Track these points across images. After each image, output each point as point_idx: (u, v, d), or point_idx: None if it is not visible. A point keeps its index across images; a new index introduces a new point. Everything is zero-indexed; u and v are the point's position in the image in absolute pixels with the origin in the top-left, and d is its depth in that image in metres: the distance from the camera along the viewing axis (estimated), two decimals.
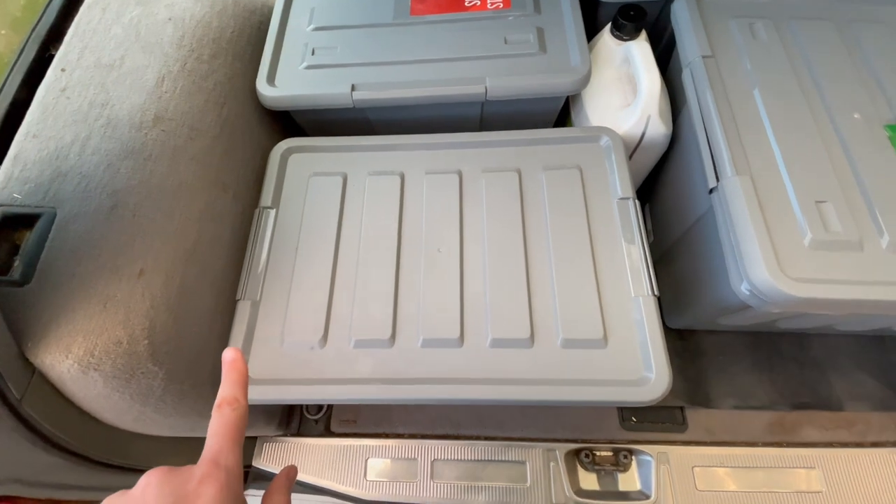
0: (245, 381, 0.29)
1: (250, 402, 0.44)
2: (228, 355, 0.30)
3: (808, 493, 0.57)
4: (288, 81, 0.57)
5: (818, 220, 0.41)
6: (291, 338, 0.46)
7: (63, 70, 0.46)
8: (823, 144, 0.45)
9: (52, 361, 0.36)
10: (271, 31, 0.60)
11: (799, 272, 0.39)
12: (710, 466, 0.59)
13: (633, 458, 0.61)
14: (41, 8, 0.52)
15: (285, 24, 0.61)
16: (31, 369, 0.36)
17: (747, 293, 0.41)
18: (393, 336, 0.46)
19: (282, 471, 0.32)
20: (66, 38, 0.48)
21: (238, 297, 0.48)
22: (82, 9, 0.50)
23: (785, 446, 0.61)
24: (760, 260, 0.39)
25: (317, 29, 0.60)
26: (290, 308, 0.47)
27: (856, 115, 0.47)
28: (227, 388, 0.28)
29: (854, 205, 0.42)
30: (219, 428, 0.26)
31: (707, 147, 0.46)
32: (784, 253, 0.40)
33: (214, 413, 0.27)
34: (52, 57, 0.47)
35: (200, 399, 0.44)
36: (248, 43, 0.58)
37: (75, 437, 0.40)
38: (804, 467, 0.58)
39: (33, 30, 0.49)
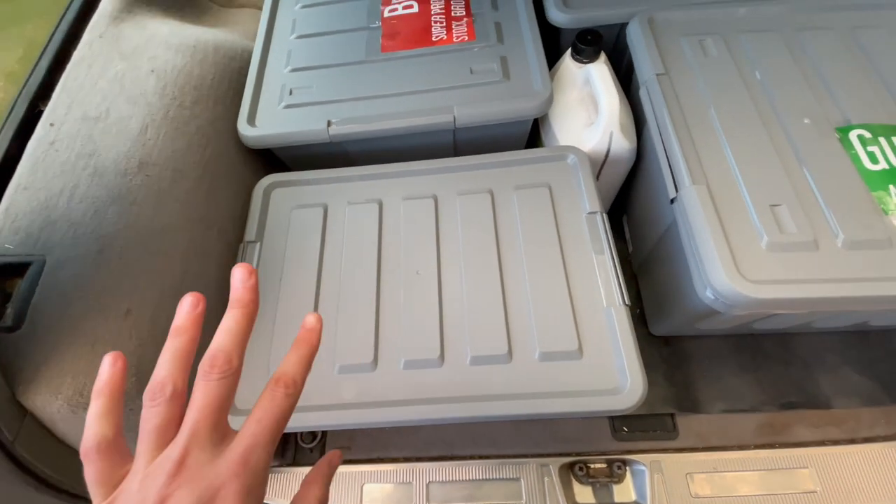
0: (310, 363, 0.26)
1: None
2: (309, 322, 0.27)
3: (802, 493, 0.57)
4: (267, 121, 0.60)
5: (773, 223, 0.43)
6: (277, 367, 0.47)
7: (52, 125, 0.49)
8: (776, 150, 0.47)
9: (43, 403, 0.37)
10: (251, 75, 0.63)
11: (757, 274, 0.40)
12: (703, 472, 0.59)
13: (627, 468, 0.61)
14: (34, 61, 0.55)
15: (264, 67, 0.65)
16: (23, 412, 0.38)
17: (712, 298, 0.43)
18: (375, 360, 0.47)
19: (323, 457, 0.29)
20: (55, 94, 0.51)
21: None
22: (69, 66, 0.53)
23: (777, 447, 0.61)
24: (719, 265, 0.40)
25: (294, 70, 0.63)
26: (275, 338, 0.49)
27: (806, 121, 0.49)
28: (291, 364, 0.25)
29: (808, 206, 0.44)
30: (264, 414, 0.23)
31: (665, 159, 0.49)
32: (742, 257, 0.41)
33: (266, 392, 0.24)
34: (41, 113, 0.50)
35: None
36: (229, 87, 0.62)
37: (69, 476, 0.41)
38: (797, 467, 0.58)
39: (23, 88, 0.52)
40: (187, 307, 0.26)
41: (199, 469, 0.21)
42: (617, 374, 0.44)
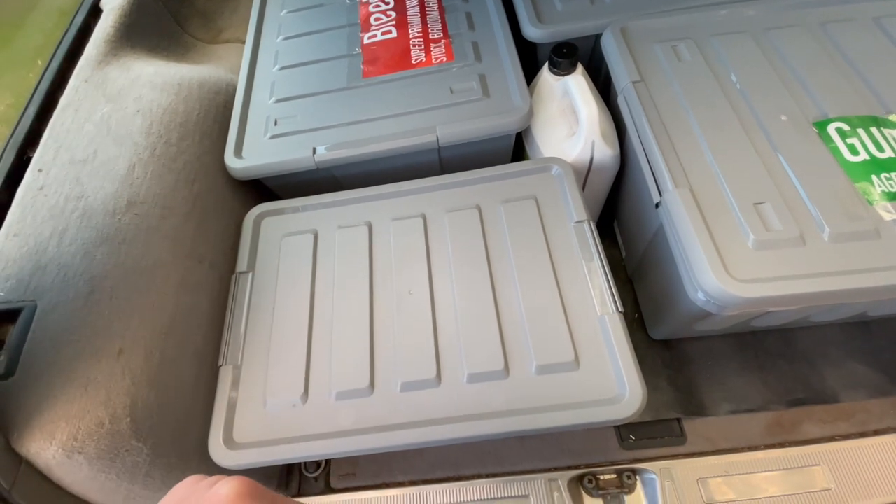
0: None
1: (239, 468, 0.45)
2: None
3: (816, 492, 0.56)
4: (254, 152, 0.60)
5: (758, 221, 0.43)
6: (273, 398, 0.47)
7: (40, 170, 0.50)
8: (755, 149, 0.48)
9: (38, 449, 0.37)
10: (236, 108, 0.64)
11: (746, 274, 0.40)
12: (714, 477, 0.58)
13: (637, 477, 0.60)
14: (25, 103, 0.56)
15: (249, 99, 0.66)
16: (19, 459, 0.37)
17: (704, 300, 0.42)
18: (372, 384, 0.46)
19: None
20: (43, 140, 0.52)
21: (220, 363, 0.50)
22: (56, 112, 0.54)
23: (787, 446, 0.60)
24: (708, 266, 0.40)
25: (278, 101, 0.64)
26: (271, 368, 0.49)
27: (783, 118, 0.50)
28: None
29: (791, 202, 0.44)
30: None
31: (647, 165, 0.49)
32: (730, 257, 0.41)
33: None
34: (30, 159, 0.51)
35: (188, 470, 0.45)
36: (215, 121, 0.63)
37: None
38: (809, 465, 0.57)
39: (11, 136, 0.53)
40: None
41: None
42: (615, 383, 0.43)
